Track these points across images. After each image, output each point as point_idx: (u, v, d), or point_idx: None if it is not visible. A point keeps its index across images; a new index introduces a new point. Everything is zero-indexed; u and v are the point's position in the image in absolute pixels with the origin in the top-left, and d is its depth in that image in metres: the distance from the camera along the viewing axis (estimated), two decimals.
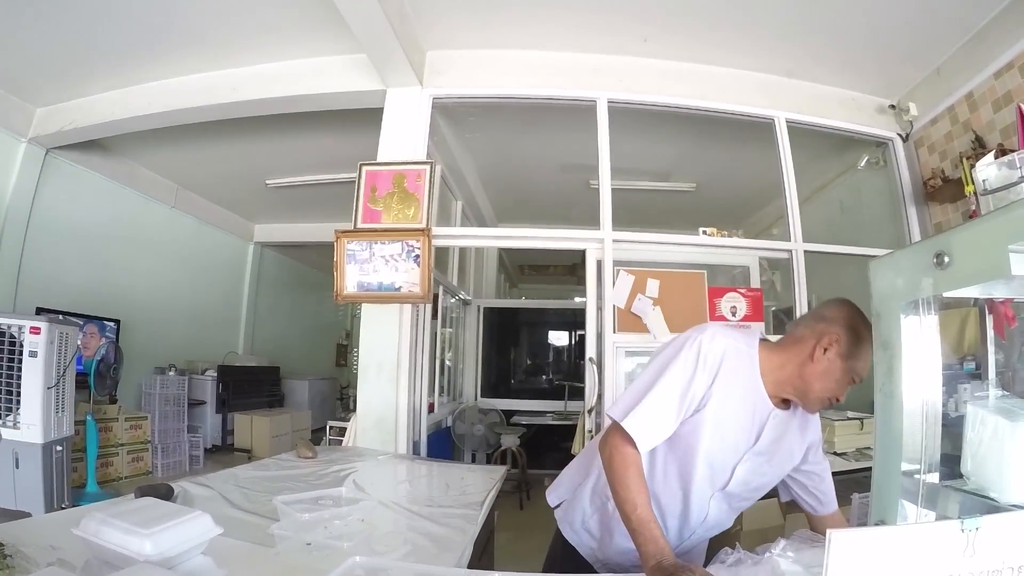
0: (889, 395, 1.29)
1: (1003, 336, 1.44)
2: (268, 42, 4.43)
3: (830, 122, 4.75)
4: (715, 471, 1.61)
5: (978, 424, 1.21)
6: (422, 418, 4.30)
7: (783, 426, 1.63)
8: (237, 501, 2.17)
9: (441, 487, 2.68)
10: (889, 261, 1.27)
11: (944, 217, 4.45)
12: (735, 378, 1.55)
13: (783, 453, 1.66)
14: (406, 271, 3.99)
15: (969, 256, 1.06)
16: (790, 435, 1.66)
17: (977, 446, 1.19)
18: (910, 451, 1.27)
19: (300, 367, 10.79)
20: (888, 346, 1.28)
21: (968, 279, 1.09)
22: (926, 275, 1.15)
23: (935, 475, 1.26)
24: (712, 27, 4.19)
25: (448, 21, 4.19)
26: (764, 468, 1.65)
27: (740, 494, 1.67)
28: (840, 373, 1.52)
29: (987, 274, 1.03)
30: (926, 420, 1.27)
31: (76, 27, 4.19)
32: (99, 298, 6.47)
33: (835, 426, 3.97)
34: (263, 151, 6.36)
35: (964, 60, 4.13)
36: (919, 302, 1.23)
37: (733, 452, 1.60)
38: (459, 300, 6.50)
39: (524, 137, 5.54)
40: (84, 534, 1.29)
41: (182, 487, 2.28)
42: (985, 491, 1.12)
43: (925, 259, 1.14)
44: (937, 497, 1.25)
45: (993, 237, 1.01)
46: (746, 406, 1.58)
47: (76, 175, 6.17)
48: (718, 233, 4.43)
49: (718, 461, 1.59)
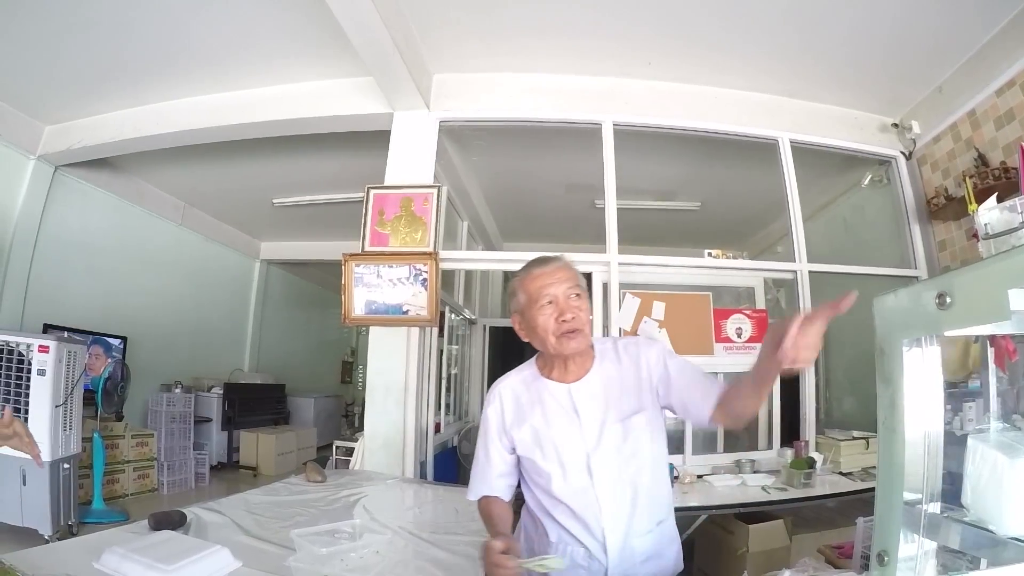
0: (891, 429, 1.30)
1: (1004, 369, 1.45)
2: (277, 65, 4.48)
3: (833, 141, 4.78)
4: (569, 470, 1.73)
5: (978, 458, 1.22)
6: (429, 439, 4.31)
7: (594, 384, 1.78)
8: (250, 528, 2.19)
9: (450, 512, 2.68)
10: (892, 299, 1.28)
11: (948, 235, 4.46)
12: (521, 399, 1.84)
13: (620, 397, 1.76)
14: (413, 294, 4.01)
15: (970, 298, 1.07)
16: (612, 381, 1.78)
17: (977, 479, 1.20)
18: (913, 481, 1.28)
19: (305, 384, 10.78)
20: (891, 382, 1.28)
21: (968, 321, 1.10)
22: (928, 314, 1.16)
23: (937, 505, 1.27)
24: (715, 49, 4.24)
25: (454, 45, 4.24)
26: (614, 426, 1.73)
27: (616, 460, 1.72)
28: (534, 320, 1.74)
29: (987, 317, 1.04)
30: (928, 452, 1.27)
31: (86, 47, 4.24)
32: (106, 315, 6.50)
33: (841, 446, 3.98)
34: (270, 170, 6.40)
35: (965, 78, 4.17)
36: (922, 338, 1.24)
37: (570, 442, 1.73)
38: (465, 319, 6.51)
39: (530, 158, 5.56)
40: (105, 569, 1.31)
41: (194, 513, 2.30)
42: (984, 523, 1.13)
43: (927, 299, 1.15)
44: (939, 527, 1.25)
45: (994, 281, 1.02)
46: (547, 407, 1.79)
47: (84, 192, 6.20)
48: (723, 255, 4.45)
49: (567, 462, 1.73)
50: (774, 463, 4.02)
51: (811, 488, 3.56)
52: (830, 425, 4.48)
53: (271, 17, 3.90)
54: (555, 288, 1.73)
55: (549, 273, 1.76)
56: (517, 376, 1.91)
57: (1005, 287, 0.97)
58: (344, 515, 2.49)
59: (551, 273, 1.76)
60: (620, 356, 1.83)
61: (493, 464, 1.85)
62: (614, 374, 1.79)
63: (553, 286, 1.73)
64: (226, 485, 6.92)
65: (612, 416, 1.74)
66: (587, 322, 1.75)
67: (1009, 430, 1.30)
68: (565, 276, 1.76)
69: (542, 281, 1.75)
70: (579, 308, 1.73)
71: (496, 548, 1.50)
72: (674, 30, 4.05)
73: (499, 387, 1.91)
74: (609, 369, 1.81)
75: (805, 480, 3.58)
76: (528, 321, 1.77)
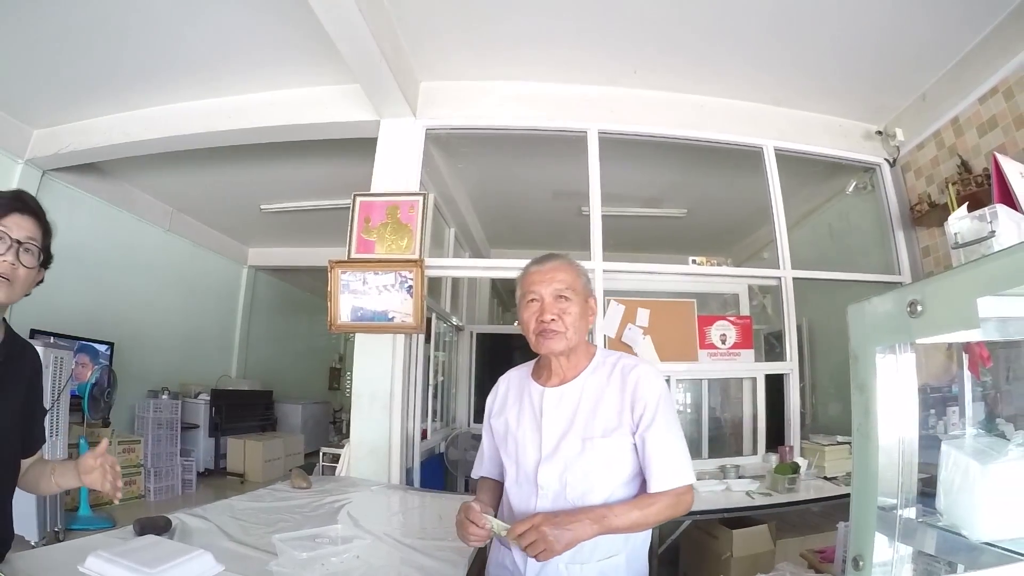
0: (866, 435, 1.32)
1: (978, 376, 1.47)
2: (265, 71, 4.48)
3: (818, 149, 4.82)
4: (520, 473, 1.78)
5: (951, 464, 1.24)
6: (415, 446, 4.31)
7: (569, 394, 1.78)
8: (234, 534, 2.19)
9: (434, 518, 2.69)
10: (866, 307, 1.30)
11: (931, 241, 4.50)
12: (510, 392, 1.95)
13: (591, 414, 1.73)
14: (399, 301, 4.01)
15: (941, 306, 1.09)
16: (591, 395, 1.76)
17: (950, 485, 1.22)
18: (888, 486, 1.30)
19: (293, 391, 10.76)
20: (865, 389, 1.30)
21: (939, 328, 1.12)
22: (900, 322, 1.18)
23: (912, 510, 1.29)
24: (700, 58, 4.27)
25: (442, 53, 4.25)
26: (573, 441, 1.71)
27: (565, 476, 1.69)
28: (520, 316, 1.81)
29: (956, 325, 1.06)
30: (903, 457, 1.29)
31: (75, 51, 4.22)
32: (93, 320, 6.45)
33: (825, 451, 4.01)
34: (258, 176, 6.39)
35: (949, 86, 4.21)
36: (896, 345, 1.26)
37: (528, 446, 1.77)
38: (452, 326, 6.51)
39: (516, 165, 5.58)
40: (90, 572, 1.31)
41: (180, 519, 2.30)
42: (958, 528, 1.15)
43: (900, 307, 1.17)
44: (914, 532, 1.27)
45: (963, 290, 1.04)
46: (522, 405, 1.85)
47: (72, 197, 6.16)
48: (708, 262, 4.48)
49: (521, 464, 1.78)
50: (759, 468, 4.04)
51: (795, 493, 3.58)
52: (815, 430, 4.51)
53: (260, 24, 3.90)
54: (543, 287, 1.75)
55: (542, 272, 1.78)
56: (518, 371, 2.00)
57: (974, 295, 1.00)
58: (328, 521, 2.49)
59: (543, 272, 1.78)
60: (612, 373, 1.78)
61: (486, 447, 1.99)
62: (596, 389, 1.76)
63: (541, 285, 1.76)
64: (213, 492, 6.89)
65: (575, 431, 1.71)
66: (573, 326, 1.74)
67: (983, 436, 1.32)
68: (557, 277, 1.76)
69: (532, 279, 1.78)
70: (563, 310, 1.73)
71: (474, 508, 1.60)
72: (660, 40, 4.08)
73: (504, 376, 2.03)
74: (594, 382, 1.77)
75: (790, 485, 3.60)
76: (519, 316, 1.82)
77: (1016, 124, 3.68)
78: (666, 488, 1.62)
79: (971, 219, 1.28)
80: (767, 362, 4.50)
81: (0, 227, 1.47)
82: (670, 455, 1.65)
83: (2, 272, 1.47)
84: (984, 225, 1.24)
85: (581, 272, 1.84)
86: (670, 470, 1.64)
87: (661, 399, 1.70)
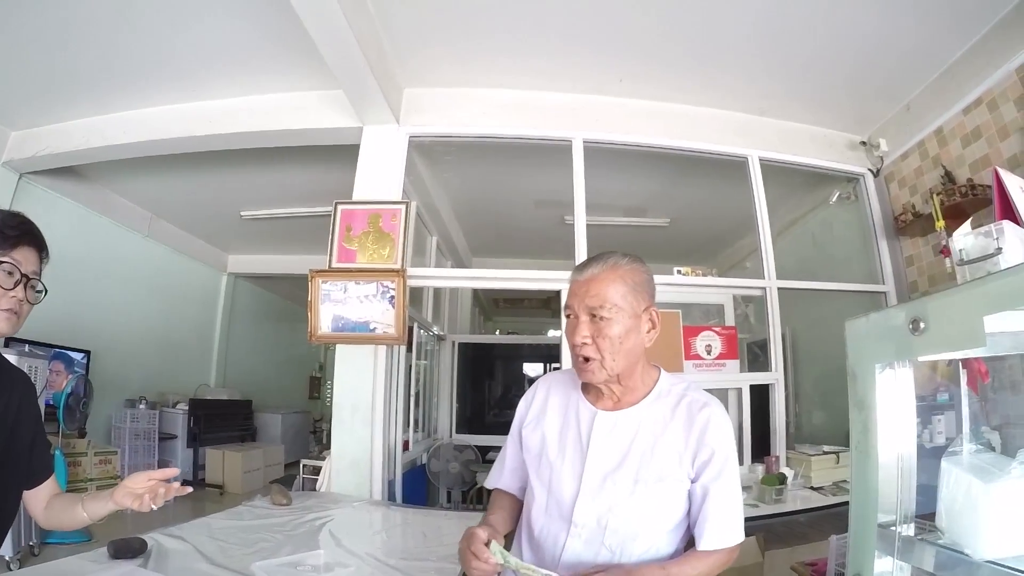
0: (865, 453, 1.30)
1: (976, 392, 1.45)
2: (246, 76, 4.42)
3: (803, 159, 4.83)
4: (551, 502, 1.54)
5: (952, 482, 1.21)
6: (397, 458, 4.25)
7: (626, 423, 1.52)
8: (212, 555, 2.14)
9: (417, 536, 2.64)
10: (865, 323, 1.28)
11: (915, 250, 4.52)
12: (551, 401, 1.66)
13: (648, 453, 1.48)
14: (381, 312, 3.95)
15: (945, 324, 1.07)
16: (650, 429, 1.51)
17: (951, 503, 1.19)
18: (887, 503, 1.27)
19: (273, 400, 10.64)
20: (863, 406, 1.28)
21: (944, 346, 1.09)
22: (902, 339, 1.15)
23: (911, 527, 1.26)
24: (686, 68, 4.27)
25: (426, 60, 4.22)
26: (622, 482, 1.46)
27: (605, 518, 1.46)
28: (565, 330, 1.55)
29: (963, 343, 1.04)
30: (901, 474, 1.27)
31: (54, 52, 4.12)
32: (69, 328, 6.27)
33: (811, 461, 4.00)
34: (238, 183, 6.31)
35: (933, 97, 4.24)
36: (895, 363, 1.23)
37: (566, 474, 1.52)
38: (433, 335, 6.46)
39: (499, 173, 5.56)
40: None
41: (155, 540, 2.24)
42: (960, 546, 1.12)
43: (901, 323, 1.15)
44: (912, 550, 1.24)
45: (969, 307, 1.02)
46: (566, 423, 1.59)
47: (49, 201, 6.01)
48: (692, 272, 4.46)
49: (555, 492, 1.53)
50: (746, 479, 4.01)
51: (783, 503, 3.58)
52: (800, 440, 4.51)
53: (242, 29, 3.84)
54: (576, 301, 1.49)
55: (580, 283, 1.50)
56: (562, 376, 1.71)
57: (981, 313, 0.97)
58: (309, 540, 2.44)
59: (581, 283, 1.50)
60: (677, 406, 1.53)
61: (509, 457, 1.71)
62: (657, 423, 1.51)
63: (575, 298, 1.49)
64: (191, 504, 6.75)
65: (628, 469, 1.47)
66: (611, 351, 1.45)
67: (983, 451, 1.30)
68: (592, 290, 1.46)
69: (572, 289, 1.52)
70: (599, 332, 1.45)
71: (478, 537, 1.35)
72: (645, 50, 4.08)
73: (544, 379, 1.74)
74: (655, 415, 1.52)
75: (777, 496, 3.59)
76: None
77: (1000, 135, 3.70)
78: (721, 547, 1.44)
79: (976, 236, 1.26)
80: (753, 372, 4.48)
81: (11, 260, 1.44)
82: (731, 513, 1.46)
83: (11, 307, 1.44)
84: (990, 242, 1.22)
85: (631, 279, 1.50)
86: (729, 528, 1.45)
87: (730, 448, 1.50)
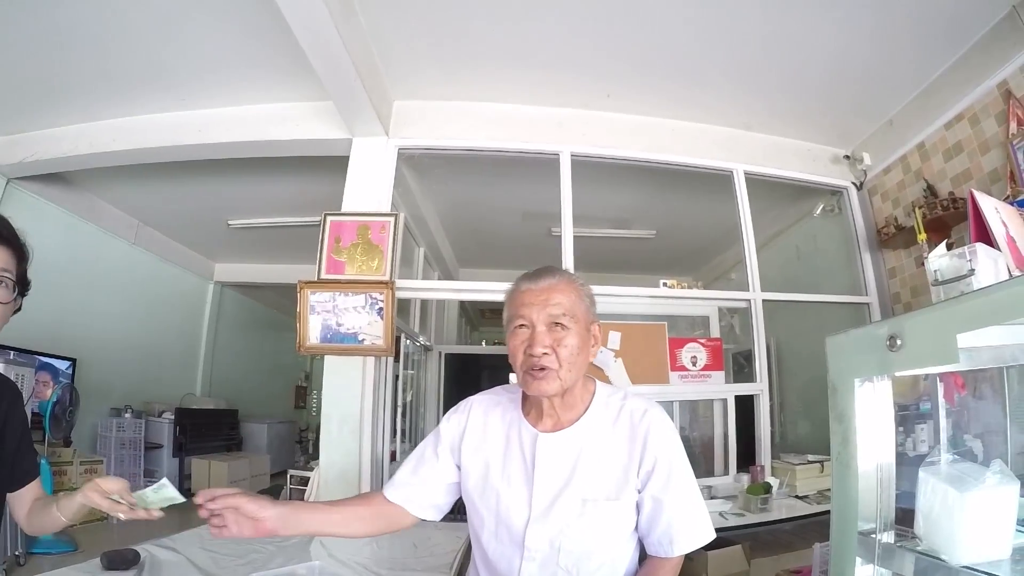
0: (845, 464, 1.33)
1: (953, 404, 1.49)
2: (236, 86, 4.42)
3: (787, 172, 4.89)
4: (501, 528, 1.52)
5: (929, 491, 1.25)
6: (385, 469, 4.25)
7: (568, 442, 1.50)
8: (205, 566, 2.15)
9: (407, 547, 2.65)
10: (845, 340, 1.32)
11: (898, 263, 4.58)
12: (489, 426, 1.61)
13: (595, 470, 1.48)
14: (369, 323, 3.96)
15: (920, 341, 1.11)
16: (594, 446, 1.50)
17: (928, 511, 1.23)
18: (867, 511, 1.31)
19: (259, 409, 10.59)
20: (843, 419, 1.32)
21: (919, 363, 1.13)
22: (880, 355, 1.19)
23: (891, 534, 1.30)
24: (673, 83, 4.31)
25: (416, 73, 4.24)
26: (571, 502, 1.46)
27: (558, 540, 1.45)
28: (508, 343, 1.50)
29: (936, 360, 1.08)
30: (880, 484, 1.31)
31: (43, 57, 4.10)
32: (55, 335, 6.22)
33: (796, 470, 4.04)
34: (226, 191, 6.30)
35: (916, 112, 4.30)
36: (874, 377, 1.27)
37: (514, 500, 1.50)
38: (420, 346, 6.46)
39: (487, 185, 5.58)
40: None
41: (148, 552, 2.25)
42: (937, 553, 1.16)
43: (879, 340, 1.19)
44: (892, 557, 1.28)
45: (943, 326, 1.06)
46: (509, 448, 1.56)
47: (36, 207, 5.95)
48: (678, 284, 4.51)
49: (503, 518, 1.51)
50: (731, 488, 4.05)
51: (768, 512, 3.60)
52: (785, 449, 4.55)
53: (232, 38, 3.85)
54: (533, 311, 1.45)
55: (534, 291, 1.48)
56: (497, 398, 1.65)
57: (954, 332, 1.01)
58: (300, 550, 2.46)
59: (537, 291, 1.47)
60: (617, 418, 1.52)
61: (425, 473, 1.63)
62: (599, 438, 1.50)
63: (532, 308, 1.45)
64: (178, 514, 6.69)
65: (574, 489, 1.46)
66: (570, 362, 1.44)
67: (959, 461, 1.33)
68: (553, 299, 1.46)
69: (523, 299, 1.48)
70: (559, 341, 1.43)
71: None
72: (633, 65, 4.12)
73: (474, 400, 1.67)
74: (596, 429, 1.51)
75: (762, 505, 3.62)
76: (507, 343, 1.51)
77: (981, 150, 3.77)
78: (698, 547, 1.48)
79: (950, 257, 1.31)
80: (737, 383, 4.53)
81: None
82: (695, 512, 1.50)
83: None
84: (963, 263, 1.27)
85: (584, 292, 1.54)
86: (699, 528, 1.49)
87: (674, 451, 1.51)
